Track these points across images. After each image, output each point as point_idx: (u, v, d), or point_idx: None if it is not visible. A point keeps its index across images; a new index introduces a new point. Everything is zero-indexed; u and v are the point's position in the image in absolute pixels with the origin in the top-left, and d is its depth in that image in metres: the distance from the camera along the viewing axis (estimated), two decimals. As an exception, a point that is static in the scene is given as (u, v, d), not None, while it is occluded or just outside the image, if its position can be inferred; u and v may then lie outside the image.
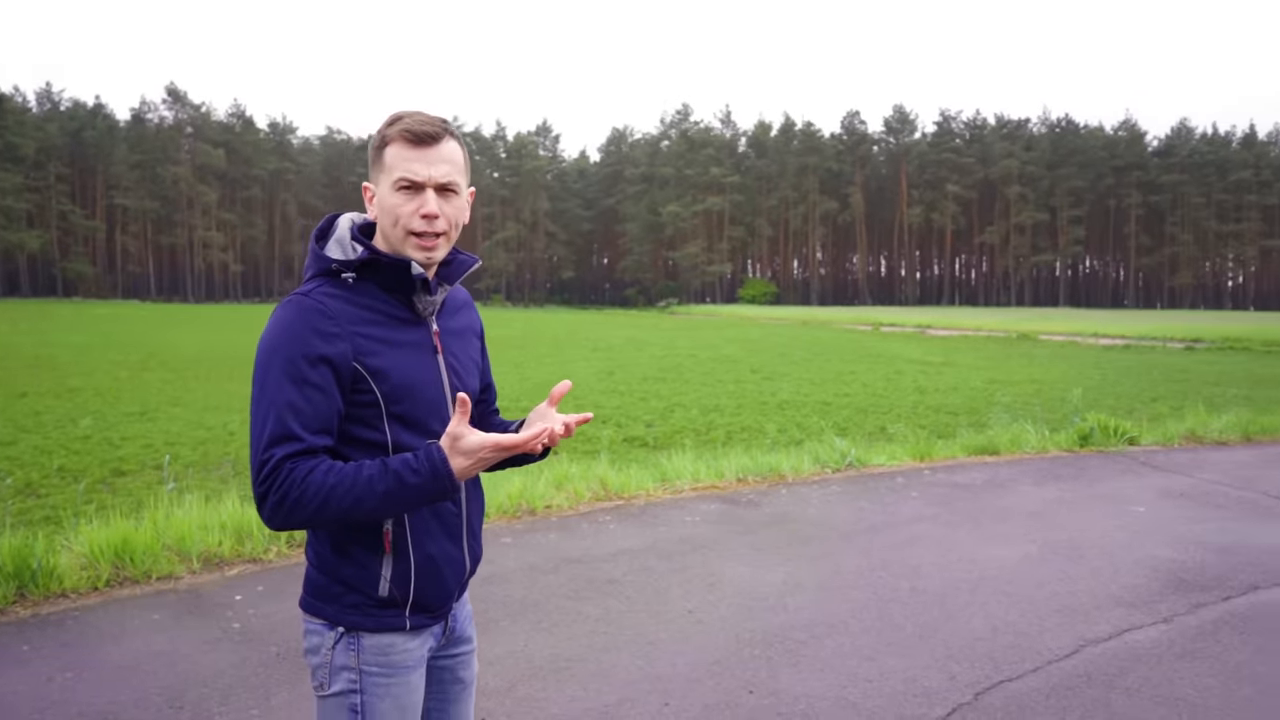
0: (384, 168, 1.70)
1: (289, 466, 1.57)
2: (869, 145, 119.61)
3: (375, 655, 1.73)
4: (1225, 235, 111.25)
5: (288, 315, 1.66)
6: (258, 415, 1.62)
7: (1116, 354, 27.70)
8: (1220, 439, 9.68)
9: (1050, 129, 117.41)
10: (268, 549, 5.38)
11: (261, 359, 1.65)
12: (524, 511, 6.38)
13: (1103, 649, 4.16)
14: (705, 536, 5.90)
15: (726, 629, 4.35)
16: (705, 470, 7.57)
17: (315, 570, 1.77)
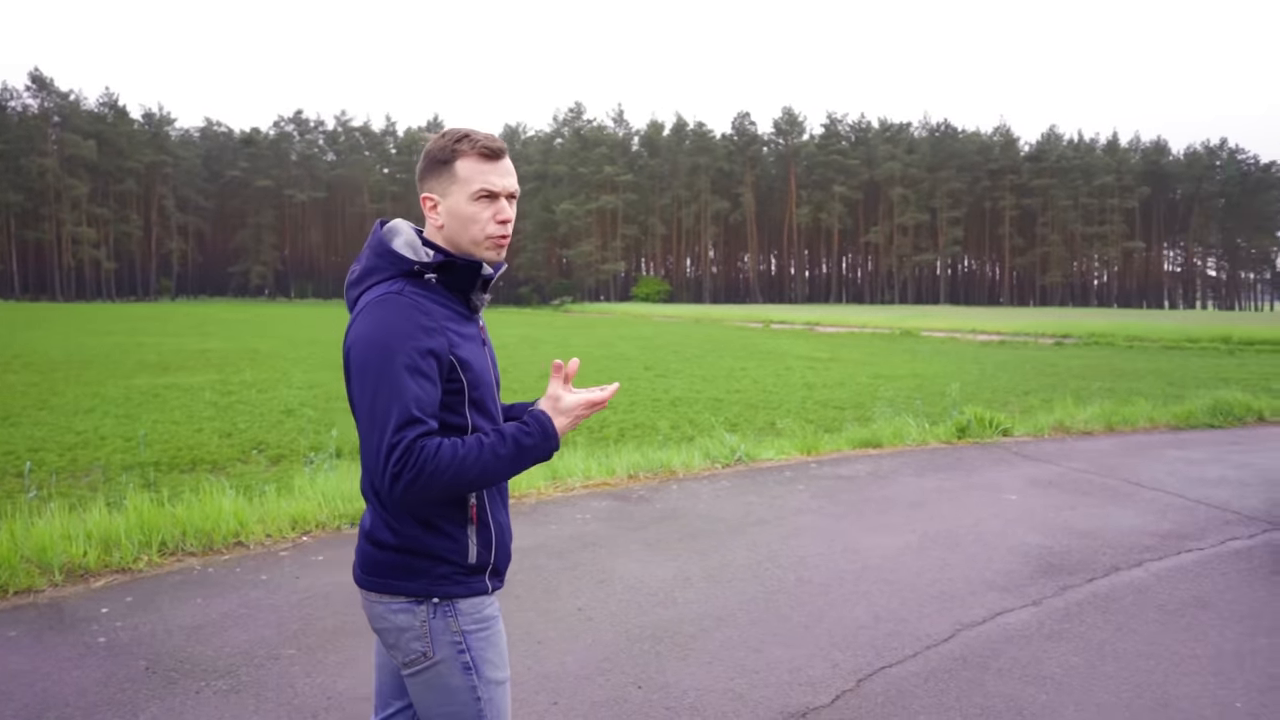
0: (457, 180, 1.90)
1: (420, 445, 1.74)
2: (759, 146, 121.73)
3: (471, 616, 1.93)
4: (1091, 237, 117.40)
5: (391, 313, 1.81)
6: (380, 404, 1.76)
7: (993, 349, 28.88)
8: (1086, 429, 10.18)
9: (931, 133, 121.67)
10: (137, 558, 5.13)
11: (376, 353, 1.79)
12: (412, 513, 6.26)
13: (977, 632, 4.32)
14: (596, 534, 5.89)
15: (616, 625, 4.36)
16: (597, 468, 7.56)
17: (392, 551, 1.89)
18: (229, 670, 3.81)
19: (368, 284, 1.92)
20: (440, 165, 1.92)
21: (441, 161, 1.91)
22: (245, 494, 6.30)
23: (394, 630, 1.92)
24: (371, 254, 1.93)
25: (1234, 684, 3.81)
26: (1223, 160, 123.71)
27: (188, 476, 8.32)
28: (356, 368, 1.83)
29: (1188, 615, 4.59)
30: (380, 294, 1.85)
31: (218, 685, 3.68)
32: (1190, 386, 15.77)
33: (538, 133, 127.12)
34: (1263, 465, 8.30)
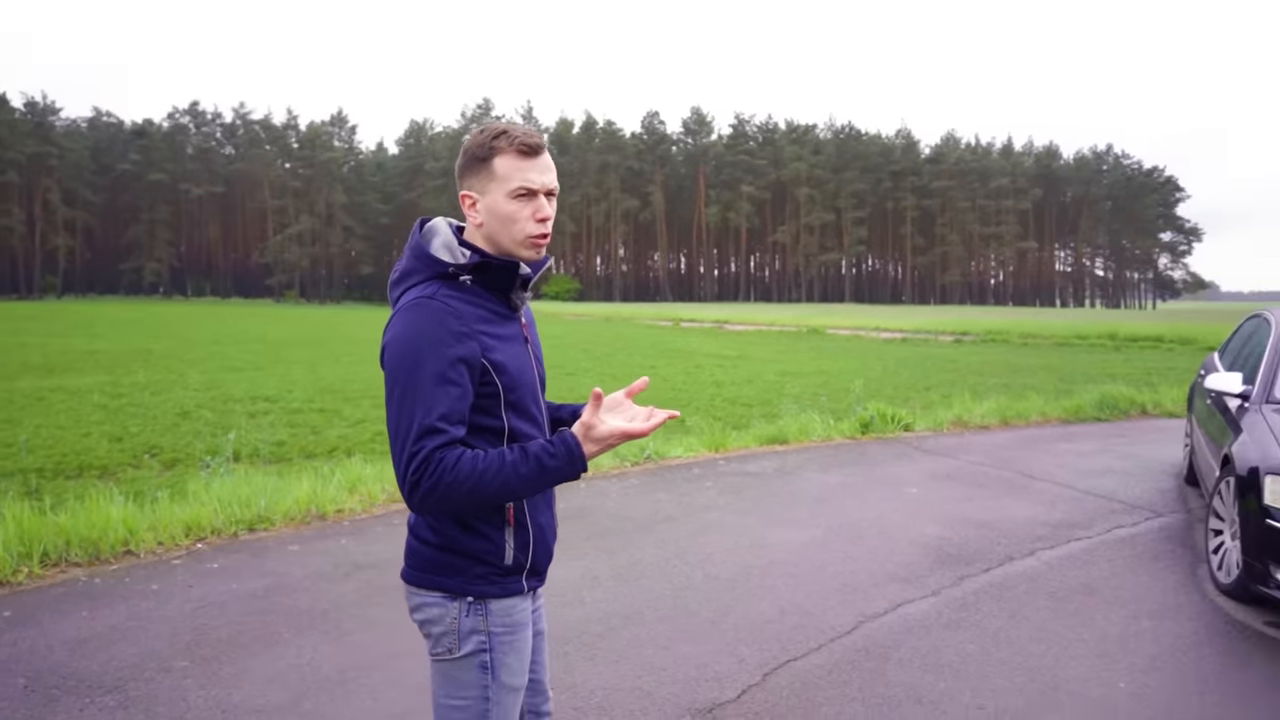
0: (495, 177, 1.86)
1: (439, 456, 1.73)
2: (668, 145, 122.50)
3: (501, 617, 1.93)
4: (987, 237, 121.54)
5: (421, 318, 1.80)
6: (404, 411, 1.76)
7: (895, 346, 29.64)
8: (983, 424, 10.53)
9: (836, 134, 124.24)
10: (16, 570, 4.87)
11: (403, 360, 1.78)
12: (313, 517, 6.10)
13: (879, 623, 4.42)
14: (504, 534, 5.83)
15: (524, 627, 4.31)
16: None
17: (433, 549, 1.91)
18: (116, 685, 3.65)
19: (407, 285, 1.91)
20: (478, 162, 1.89)
21: (479, 159, 1.89)
22: (136, 501, 6.03)
23: (427, 621, 1.96)
24: (410, 255, 1.92)
25: (1118, 665, 3.98)
26: (1109, 165, 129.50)
27: (74, 483, 7.94)
28: (387, 373, 1.83)
29: (1076, 601, 4.78)
30: (414, 298, 1.84)
31: (104, 702, 3.51)
32: (1079, 382, 16.44)
33: (445, 129, 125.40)
34: (1145, 456, 8.70)
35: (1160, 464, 8.33)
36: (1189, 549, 5.74)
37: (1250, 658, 4.11)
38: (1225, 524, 5.04)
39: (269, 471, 7.59)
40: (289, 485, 6.45)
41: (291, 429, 11.10)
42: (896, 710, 3.54)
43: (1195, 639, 4.31)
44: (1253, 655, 4.14)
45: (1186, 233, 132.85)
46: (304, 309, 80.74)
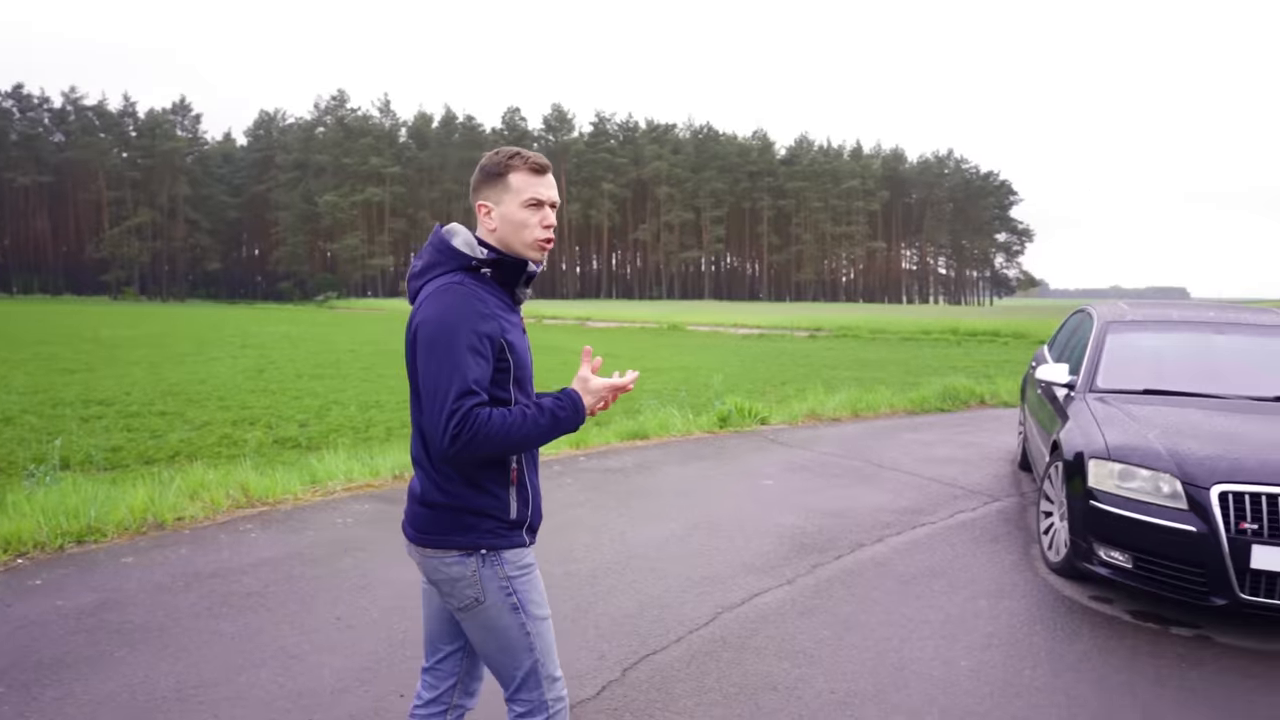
0: (510, 190, 2.20)
1: (476, 413, 2.02)
2: (530, 142, 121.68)
3: (513, 564, 2.22)
4: (839, 236, 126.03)
5: (454, 299, 2.10)
6: (443, 375, 2.04)
7: (752, 342, 30.37)
8: (835, 416, 10.89)
9: (694, 134, 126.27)
10: None
11: (442, 332, 2.07)
12: (150, 525, 5.74)
13: (736, 614, 4.49)
14: (358, 538, 5.65)
15: (378, 633, 4.18)
16: (360, 469, 7.26)
17: (446, 510, 2.17)
18: (-81, 717, 3.33)
19: (430, 276, 2.20)
20: (495, 177, 2.22)
21: (496, 174, 2.21)
22: (-55, 514, 5.54)
23: (449, 580, 2.20)
24: (434, 250, 2.21)
25: (959, 644, 4.17)
26: (950, 169, 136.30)
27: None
28: (424, 344, 2.09)
29: (921, 584, 4.98)
30: (444, 283, 2.14)
31: (-96, 736, 3.20)
32: (924, 374, 17.23)
33: (297, 120, 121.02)
34: (984, 444, 9.19)
35: (997, 451, 8.81)
36: (1023, 530, 6.08)
37: (1078, 631, 4.38)
38: (1055, 506, 5.36)
39: (102, 479, 7.13)
40: (123, 493, 6.06)
41: (129, 433, 10.46)
42: (753, 699, 3.60)
43: (1029, 616, 4.56)
44: (1080, 628, 4.41)
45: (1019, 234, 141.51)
46: (145, 307, 76.23)
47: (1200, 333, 6.27)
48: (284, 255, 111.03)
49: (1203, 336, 6.22)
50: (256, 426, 11.20)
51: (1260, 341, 6.15)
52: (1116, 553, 4.59)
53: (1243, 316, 6.52)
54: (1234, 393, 5.51)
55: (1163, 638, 4.33)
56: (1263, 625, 4.45)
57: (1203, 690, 3.77)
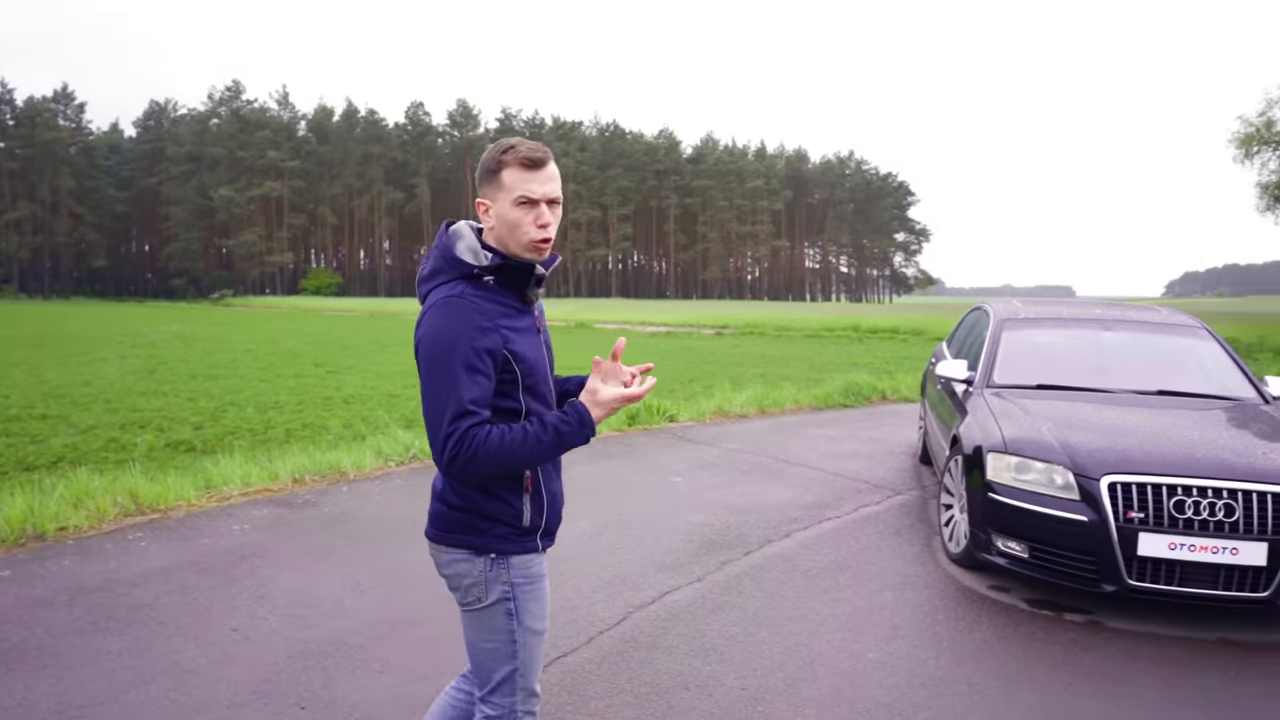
0: (502, 187, 2.10)
1: (472, 434, 1.99)
2: (434, 137, 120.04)
3: (521, 570, 2.21)
4: (744, 235, 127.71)
5: (451, 315, 2.04)
6: (440, 397, 2.01)
7: (660, 340, 30.50)
8: (742, 413, 11.00)
9: (601, 132, 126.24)
10: None
11: (439, 352, 2.03)
12: (29, 537, 5.43)
13: (647, 613, 4.48)
14: (255, 545, 5.45)
15: (277, 643, 4.03)
16: (258, 473, 7.01)
17: (459, 511, 2.17)
18: None
19: (436, 282, 2.14)
20: (490, 174, 2.13)
21: (491, 170, 2.12)
22: None
23: (455, 576, 2.21)
24: (439, 256, 2.15)
25: (865, 636, 4.24)
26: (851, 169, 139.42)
27: None
28: (423, 362, 2.06)
29: (828, 578, 5.06)
30: (444, 295, 2.08)
31: None
32: (828, 371, 17.56)
33: (191, 111, 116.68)
34: (886, 438, 9.40)
35: (899, 445, 9.02)
36: (924, 523, 6.23)
37: (978, 620, 4.50)
38: (955, 499, 5.51)
39: (-25, 488, 6.71)
40: (-1, 503, 5.72)
41: (7, 439, 9.89)
42: (665, 698, 3.59)
43: (931, 606, 4.67)
44: (980, 618, 4.54)
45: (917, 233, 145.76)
46: (25, 305, 72.43)
47: (1089, 330, 6.53)
48: (176, 251, 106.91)
49: (1091, 333, 6.48)
50: (147, 430, 10.72)
51: (1143, 338, 6.44)
52: (1014, 543, 4.74)
53: (1128, 314, 6.82)
54: (1120, 387, 5.76)
55: (1057, 624, 4.49)
56: (1148, 609, 4.64)
57: (1095, 674, 3.91)
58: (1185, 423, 5.07)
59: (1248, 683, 3.88)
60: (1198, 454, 4.52)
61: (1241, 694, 3.78)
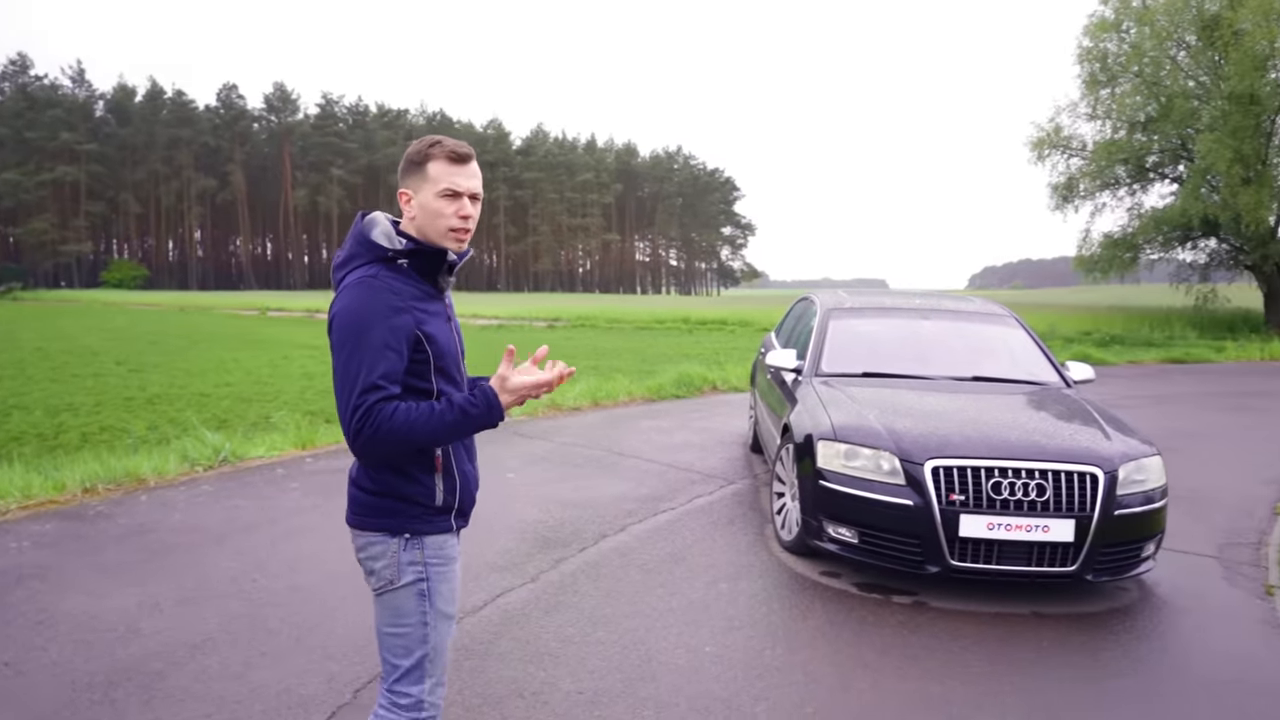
0: (428, 179, 2.16)
1: (379, 408, 2.01)
2: (249, 122, 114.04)
3: (435, 551, 2.23)
4: (575, 228, 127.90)
5: (365, 294, 2.07)
6: (350, 370, 2.03)
7: (491, 333, 30.00)
8: (575, 406, 10.87)
9: (429, 121, 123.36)
10: None
11: (351, 328, 2.05)
12: None
13: (480, 618, 4.27)
14: (35, 564, 4.88)
15: (59, 676, 3.59)
16: (41, 484, 6.33)
17: (372, 494, 2.18)
18: None
19: (350, 267, 2.17)
20: (415, 166, 2.19)
21: (416, 163, 2.18)
22: None
23: (369, 558, 2.22)
24: (354, 242, 2.19)
25: (702, 630, 4.19)
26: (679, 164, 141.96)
27: None
28: (335, 339, 2.08)
29: (664, 572, 4.99)
30: (358, 277, 2.11)
31: None
32: (660, 362, 17.69)
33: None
34: (717, 429, 9.49)
35: (730, 435, 9.12)
36: (757, 512, 6.29)
37: (811, 607, 4.54)
38: (787, 487, 5.56)
39: None
40: None
41: None
42: (498, 708, 3.41)
43: (766, 596, 4.68)
44: (813, 605, 4.58)
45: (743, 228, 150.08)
46: None
47: (910, 319, 6.76)
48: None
49: (912, 322, 6.71)
50: (-89, 438, 9.56)
51: (959, 326, 6.71)
52: (844, 529, 4.81)
53: (944, 304, 7.11)
54: (939, 374, 5.97)
55: (886, 607, 4.58)
56: (968, 588, 4.82)
57: (923, 655, 4.00)
58: (999, 407, 5.29)
59: (1055, 655, 4.06)
60: (1012, 437, 4.72)
61: (1051, 665, 3.95)
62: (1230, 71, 25.28)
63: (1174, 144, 28.75)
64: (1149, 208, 30.32)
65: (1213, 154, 24.75)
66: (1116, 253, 30.10)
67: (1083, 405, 5.48)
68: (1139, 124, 28.71)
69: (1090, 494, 4.49)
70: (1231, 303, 30.04)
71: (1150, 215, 29.49)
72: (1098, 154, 29.52)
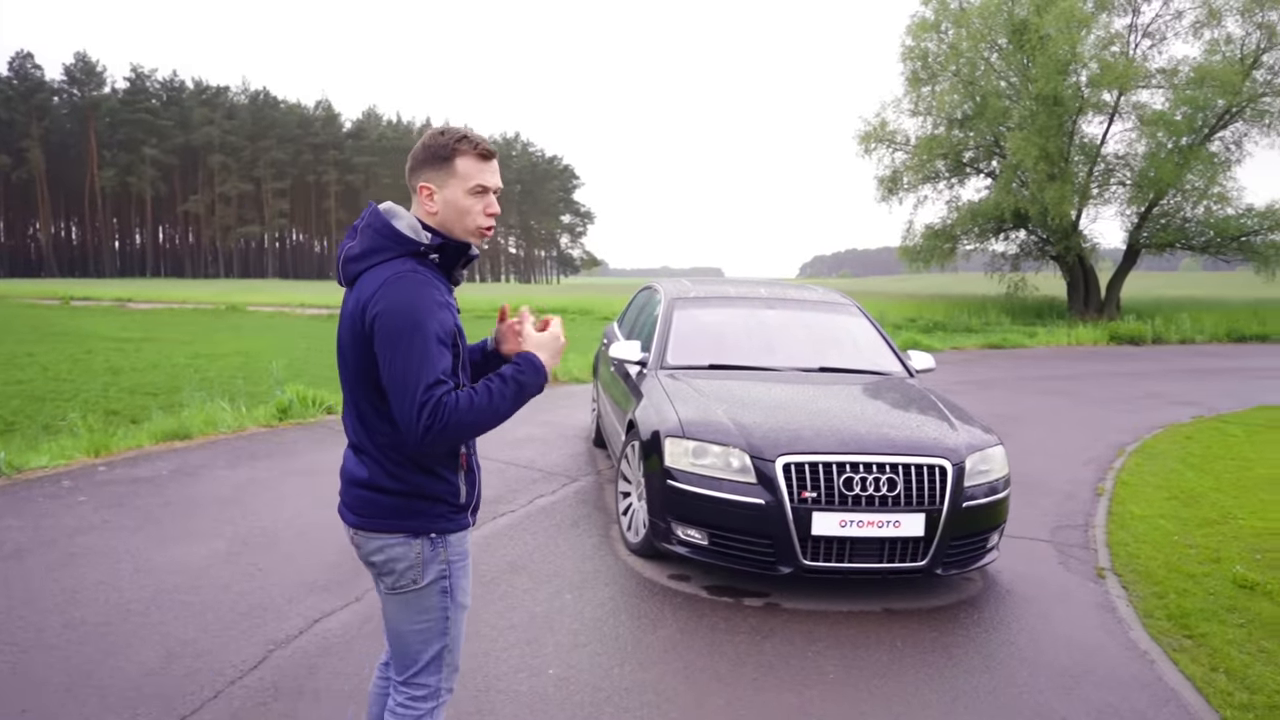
0: (455, 174, 2.16)
1: (446, 400, 2.00)
2: (47, 95, 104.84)
3: (456, 548, 2.26)
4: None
5: (413, 289, 2.06)
6: (411, 367, 2.00)
7: (320, 323, 28.57)
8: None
9: (251, 100, 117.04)
10: None
11: (406, 325, 2.02)
12: None
13: (294, 648, 3.79)
14: None
15: None
16: None
17: (395, 495, 2.15)
18: None
19: (371, 261, 2.12)
20: (441, 160, 2.15)
21: (443, 158, 2.15)
22: None
23: (389, 560, 2.18)
24: (375, 234, 2.13)
25: (545, 648, 3.86)
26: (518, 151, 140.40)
27: None
28: (386, 337, 2.02)
29: (504, 583, 4.63)
30: (397, 272, 2.07)
31: None
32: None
33: None
34: (560, 422, 9.15)
35: (573, 429, 8.80)
36: (602, 511, 6.00)
37: (661, 616, 4.28)
38: (632, 486, 5.29)
39: None
40: None
41: None
42: (311, 759, 2.97)
43: (613, 606, 4.39)
44: (662, 613, 4.32)
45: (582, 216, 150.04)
46: None
47: (755, 308, 6.61)
48: None
49: (757, 312, 6.56)
50: None
51: (803, 315, 6.62)
52: (694, 531, 4.58)
53: (788, 293, 7.01)
54: (786, 365, 5.83)
55: (737, 611, 4.38)
56: (819, 586, 4.69)
57: (778, 664, 3.80)
58: (848, 399, 5.19)
59: (909, 654, 3.96)
60: (862, 431, 4.59)
61: (906, 666, 3.84)
62: (1037, 74, 26.90)
63: (988, 141, 30.41)
64: (966, 201, 32.02)
65: (1021, 151, 26.29)
66: (937, 243, 31.64)
67: (927, 395, 5.46)
68: (957, 121, 30.21)
69: (940, 487, 4.42)
70: (1039, 291, 32.07)
71: (967, 208, 31.11)
72: (920, 149, 30.90)
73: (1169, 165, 26.06)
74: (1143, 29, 28.79)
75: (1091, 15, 27.13)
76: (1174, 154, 26.48)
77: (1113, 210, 30.13)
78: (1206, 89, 25.91)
